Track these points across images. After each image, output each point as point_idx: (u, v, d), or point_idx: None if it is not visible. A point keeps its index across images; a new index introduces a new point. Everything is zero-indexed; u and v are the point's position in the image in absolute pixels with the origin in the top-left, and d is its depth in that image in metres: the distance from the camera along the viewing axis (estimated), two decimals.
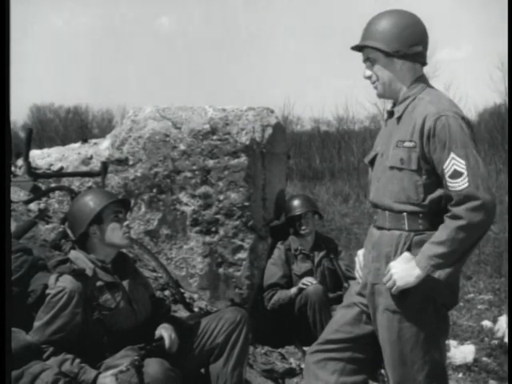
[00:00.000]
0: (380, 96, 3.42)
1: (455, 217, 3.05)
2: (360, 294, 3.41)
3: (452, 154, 3.07)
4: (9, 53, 2.90)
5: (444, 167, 3.08)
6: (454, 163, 3.06)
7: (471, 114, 24.54)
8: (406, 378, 3.23)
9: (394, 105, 3.37)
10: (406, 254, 3.16)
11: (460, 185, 3.04)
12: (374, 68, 3.29)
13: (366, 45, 3.28)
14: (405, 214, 3.20)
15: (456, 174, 3.05)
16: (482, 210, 3.02)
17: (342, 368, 3.40)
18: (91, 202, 3.92)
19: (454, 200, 3.06)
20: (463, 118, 3.13)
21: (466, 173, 3.04)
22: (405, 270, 3.13)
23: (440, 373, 3.26)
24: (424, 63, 3.34)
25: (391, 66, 3.26)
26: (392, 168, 3.24)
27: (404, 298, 3.18)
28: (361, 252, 3.52)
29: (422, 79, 3.31)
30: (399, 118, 3.27)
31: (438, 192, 3.15)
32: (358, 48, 3.35)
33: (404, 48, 3.22)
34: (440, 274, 3.08)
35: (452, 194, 3.07)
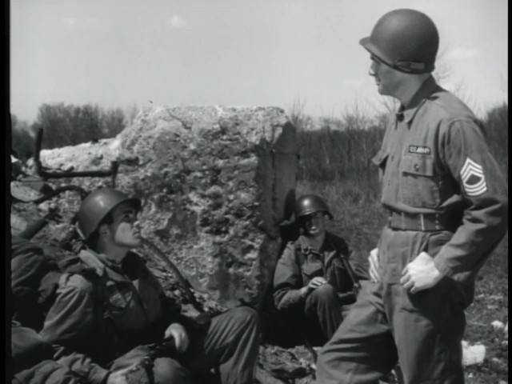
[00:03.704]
0: (382, 94, 3.40)
1: (475, 220, 3.05)
2: (376, 294, 3.40)
3: (468, 160, 3.05)
4: (9, 53, 2.90)
5: (461, 173, 3.07)
6: (470, 168, 3.05)
7: (481, 114, 24.47)
8: (422, 377, 3.23)
9: (402, 107, 3.35)
10: (424, 255, 3.16)
11: (478, 190, 3.03)
12: (379, 69, 3.27)
13: (368, 49, 3.26)
14: (421, 215, 3.19)
15: (473, 179, 3.04)
16: (501, 213, 3.01)
17: (355, 367, 3.40)
18: (101, 202, 3.92)
19: (474, 205, 3.05)
20: (476, 122, 3.11)
21: (483, 177, 3.03)
22: (423, 272, 3.13)
23: (456, 371, 3.26)
24: (430, 72, 3.30)
25: (393, 73, 3.23)
26: (406, 174, 3.22)
27: (421, 297, 3.17)
28: (374, 252, 3.51)
29: (428, 82, 3.27)
30: (410, 123, 3.25)
31: (455, 197, 3.14)
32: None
33: (404, 63, 3.17)
34: (459, 276, 3.09)
35: (470, 198, 3.06)
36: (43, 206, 5.82)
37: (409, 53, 3.17)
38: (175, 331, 3.84)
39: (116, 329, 3.76)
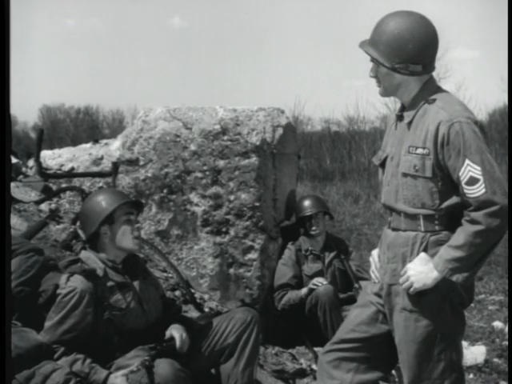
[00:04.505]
0: (382, 96, 3.42)
1: (473, 221, 3.05)
2: (376, 294, 3.40)
3: (467, 161, 3.05)
4: (9, 53, 2.91)
5: (460, 174, 3.07)
6: (469, 170, 3.05)
7: (481, 115, 24.47)
8: (422, 377, 3.23)
9: (403, 107, 3.35)
10: (423, 256, 3.16)
11: (477, 191, 3.03)
12: (378, 72, 3.27)
13: (367, 52, 3.26)
14: (420, 216, 3.20)
15: (472, 181, 3.04)
16: (500, 214, 3.02)
17: (356, 367, 3.40)
18: (103, 202, 3.93)
19: (472, 206, 3.06)
20: (476, 123, 3.11)
21: (482, 179, 3.03)
22: (422, 272, 3.13)
23: (457, 371, 3.26)
24: (429, 73, 3.30)
25: (392, 76, 3.23)
26: (405, 175, 3.22)
27: (421, 297, 3.18)
28: (375, 252, 3.51)
29: (429, 83, 3.27)
30: (410, 123, 3.26)
31: (454, 198, 3.14)
32: None
33: (403, 65, 3.18)
34: (458, 277, 3.09)
35: (469, 200, 3.06)
36: (44, 206, 5.82)
37: (407, 55, 3.18)
38: (176, 332, 3.84)
39: (116, 329, 3.76)
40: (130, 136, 6.25)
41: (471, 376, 6.06)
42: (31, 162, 6.49)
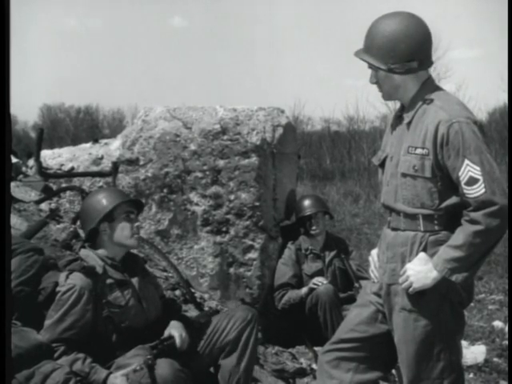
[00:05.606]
0: (385, 100, 3.43)
1: (473, 221, 3.05)
2: (376, 294, 3.41)
3: (466, 161, 3.05)
4: (9, 52, 2.91)
5: (459, 174, 3.07)
6: (469, 170, 3.05)
7: (481, 114, 24.47)
8: (422, 377, 3.23)
9: (402, 107, 3.35)
10: (423, 255, 3.16)
11: (476, 191, 3.03)
12: (377, 76, 3.28)
13: (362, 59, 3.27)
14: (420, 216, 3.20)
15: (472, 181, 3.04)
16: (499, 215, 3.02)
17: (355, 366, 3.41)
18: (104, 200, 3.95)
19: (472, 206, 3.05)
20: (475, 123, 3.11)
21: (481, 179, 3.03)
22: (422, 272, 3.13)
23: (456, 370, 3.26)
24: (427, 68, 3.30)
25: (390, 78, 3.24)
26: (405, 175, 3.22)
27: (420, 297, 3.18)
28: (374, 252, 3.51)
29: (428, 83, 3.27)
30: (409, 123, 3.26)
31: (454, 198, 3.14)
32: None
33: (398, 65, 3.18)
34: (457, 277, 3.09)
35: (469, 200, 3.06)
36: (44, 206, 5.83)
37: (401, 55, 3.18)
38: (175, 331, 3.84)
39: (115, 327, 3.76)
40: (130, 136, 6.25)
41: (471, 375, 6.06)
42: (31, 162, 6.49)
